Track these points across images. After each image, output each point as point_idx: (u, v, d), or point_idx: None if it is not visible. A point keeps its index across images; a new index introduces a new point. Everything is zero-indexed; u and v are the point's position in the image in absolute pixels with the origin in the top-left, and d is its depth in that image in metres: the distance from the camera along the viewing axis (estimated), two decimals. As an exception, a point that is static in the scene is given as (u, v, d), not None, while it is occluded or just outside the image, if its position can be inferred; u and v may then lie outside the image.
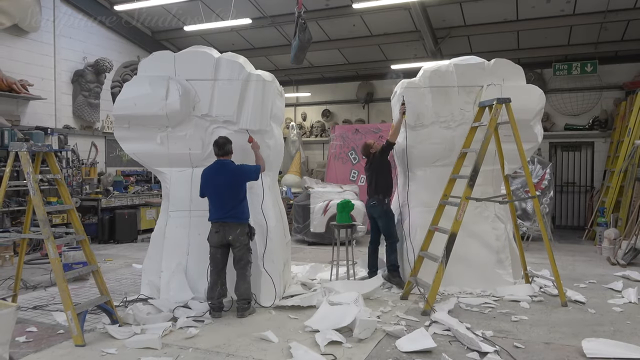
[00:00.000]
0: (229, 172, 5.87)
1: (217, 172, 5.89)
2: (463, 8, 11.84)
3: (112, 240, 11.32)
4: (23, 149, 5.20)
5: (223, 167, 5.90)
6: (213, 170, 5.95)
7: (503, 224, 7.00)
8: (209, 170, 5.98)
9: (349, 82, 16.71)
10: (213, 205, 5.89)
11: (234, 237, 5.76)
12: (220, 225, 5.79)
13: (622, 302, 6.31)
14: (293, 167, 15.08)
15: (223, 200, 5.81)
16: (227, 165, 5.92)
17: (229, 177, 5.85)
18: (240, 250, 5.81)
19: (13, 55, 10.73)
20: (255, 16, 12.49)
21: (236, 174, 5.89)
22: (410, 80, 7.20)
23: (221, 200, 5.82)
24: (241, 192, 5.91)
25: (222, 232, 5.77)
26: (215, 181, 5.86)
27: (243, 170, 5.95)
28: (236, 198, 5.84)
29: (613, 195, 11.01)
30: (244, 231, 5.83)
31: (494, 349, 4.56)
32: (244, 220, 5.89)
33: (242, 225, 5.84)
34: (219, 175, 5.86)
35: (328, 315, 5.39)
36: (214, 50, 6.72)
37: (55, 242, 5.05)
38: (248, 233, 5.88)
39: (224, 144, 5.95)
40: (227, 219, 5.79)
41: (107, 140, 12.85)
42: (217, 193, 5.85)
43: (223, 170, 5.88)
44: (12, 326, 3.40)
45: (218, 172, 5.89)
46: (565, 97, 13.99)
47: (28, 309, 6.02)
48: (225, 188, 5.81)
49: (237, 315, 5.74)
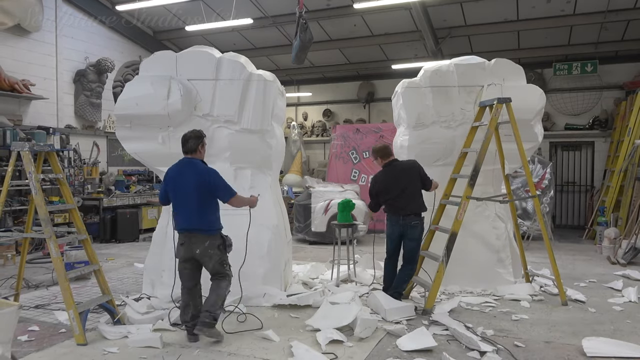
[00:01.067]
0: (197, 173, 4.95)
1: (183, 171, 5.00)
2: (464, 8, 11.86)
3: (114, 240, 11.34)
4: (25, 148, 5.22)
5: (190, 166, 4.99)
6: (178, 169, 5.05)
7: (503, 224, 7.01)
8: (174, 168, 5.08)
9: (350, 82, 16.73)
10: (177, 212, 5.01)
11: (202, 251, 4.88)
12: (185, 236, 4.93)
13: (622, 301, 6.33)
14: (294, 166, 15.11)
15: (188, 206, 4.91)
16: (196, 165, 5.00)
17: (197, 178, 4.91)
18: (210, 265, 4.95)
19: (15, 55, 10.76)
20: (256, 16, 12.52)
21: (205, 178, 4.94)
22: (411, 80, 7.22)
23: (186, 206, 4.92)
24: (210, 198, 4.96)
25: (188, 245, 4.90)
26: (179, 182, 4.97)
27: (214, 178, 4.97)
28: (204, 205, 4.92)
29: (613, 195, 11.02)
30: (214, 244, 4.92)
31: (493, 349, 4.57)
32: (213, 231, 4.96)
33: (212, 237, 4.93)
34: (184, 176, 4.96)
35: (329, 314, 5.41)
36: (215, 50, 6.74)
37: (57, 242, 5.07)
38: (220, 245, 4.96)
39: (189, 138, 5.05)
40: (193, 230, 4.90)
41: (108, 139, 12.88)
42: (182, 197, 4.95)
43: (190, 170, 4.97)
44: (14, 325, 3.41)
45: (184, 172, 4.99)
46: (565, 96, 14.01)
47: (30, 308, 6.04)
48: (191, 191, 4.89)
49: (195, 329, 4.84)
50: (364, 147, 12.93)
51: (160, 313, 5.63)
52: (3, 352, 3.24)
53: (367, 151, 12.89)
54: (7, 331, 3.32)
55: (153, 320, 5.44)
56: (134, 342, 4.86)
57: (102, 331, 5.10)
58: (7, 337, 3.33)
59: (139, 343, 4.82)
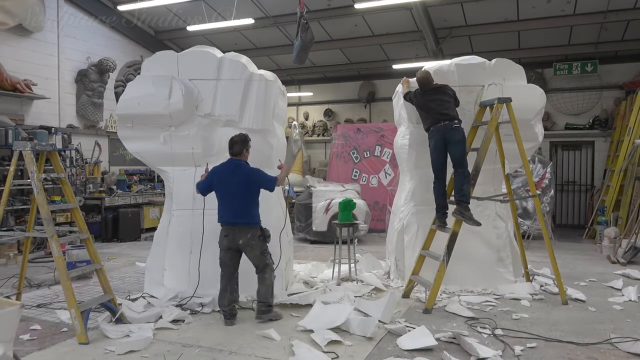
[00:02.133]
0: (243, 173, 5.57)
1: (231, 171, 5.59)
2: (464, 8, 11.87)
3: (116, 239, 11.38)
4: (27, 148, 5.24)
5: (237, 167, 5.60)
6: (226, 169, 5.65)
7: (504, 223, 7.03)
8: (222, 168, 5.68)
9: (350, 82, 16.75)
10: (223, 206, 5.61)
11: (244, 242, 5.49)
12: (229, 228, 5.53)
13: (622, 300, 6.35)
14: (295, 166, 15.14)
15: (234, 202, 5.52)
16: (242, 166, 5.63)
17: (243, 178, 5.54)
18: (252, 254, 5.56)
19: (17, 55, 10.79)
20: (257, 16, 12.54)
21: (251, 177, 5.59)
22: (412, 79, 7.24)
23: (232, 202, 5.53)
24: (254, 197, 5.61)
25: (232, 236, 5.51)
26: (227, 181, 5.57)
27: (259, 175, 5.64)
28: (248, 201, 5.55)
29: (613, 194, 11.04)
30: (255, 235, 5.53)
31: (494, 354, 4.50)
32: (255, 224, 5.57)
33: (253, 229, 5.54)
34: (232, 175, 5.56)
35: (321, 315, 5.39)
36: (216, 50, 6.76)
37: (59, 241, 5.08)
38: (260, 236, 5.57)
39: (235, 142, 5.66)
40: (237, 223, 5.52)
41: (110, 139, 12.92)
42: (228, 193, 5.55)
43: (237, 170, 5.58)
44: (16, 324, 3.41)
45: (231, 172, 5.59)
46: (565, 96, 14.02)
47: (32, 307, 6.06)
48: (237, 189, 5.51)
49: (256, 317, 5.58)
50: (365, 147, 12.97)
51: (158, 310, 5.67)
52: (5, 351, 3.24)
53: (367, 151, 12.93)
54: (9, 330, 3.32)
55: (151, 319, 5.47)
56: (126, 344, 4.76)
57: (104, 330, 5.12)
58: (9, 336, 3.32)
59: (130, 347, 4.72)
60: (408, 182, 7.42)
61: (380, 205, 12.47)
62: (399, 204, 7.54)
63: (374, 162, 12.85)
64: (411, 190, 7.26)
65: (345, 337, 4.98)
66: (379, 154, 12.81)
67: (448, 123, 6.30)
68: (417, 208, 7.14)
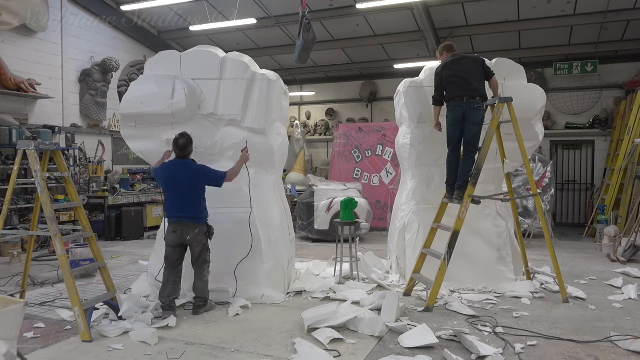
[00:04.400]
0: (190, 171, 5.71)
1: (178, 169, 5.72)
2: (465, 8, 11.90)
3: (119, 238, 11.41)
4: (31, 147, 5.26)
5: (184, 165, 5.73)
6: (173, 167, 5.77)
7: (504, 222, 7.06)
8: (168, 166, 5.82)
9: (352, 82, 16.80)
10: (171, 203, 5.73)
11: (192, 237, 5.64)
12: (178, 224, 5.65)
13: (622, 298, 6.37)
14: (297, 165, 15.18)
15: (182, 199, 5.65)
16: (189, 164, 5.76)
17: (190, 176, 5.68)
18: (198, 249, 5.70)
19: (21, 54, 10.85)
20: (260, 16, 12.58)
21: (198, 174, 5.73)
22: (413, 79, 7.29)
23: (180, 199, 5.66)
24: (201, 193, 5.77)
25: (180, 232, 5.64)
26: (174, 178, 5.69)
27: (206, 171, 5.78)
28: (196, 198, 5.70)
29: (613, 193, 11.07)
30: (202, 231, 5.70)
31: (494, 352, 4.52)
32: (202, 220, 5.74)
33: (201, 225, 5.70)
34: (179, 173, 5.69)
35: (323, 313, 5.35)
36: (219, 49, 6.79)
37: (62, 239, 5.10)
38: (206, 233, 5.75)
39: (186, 145, 5.75)
40: (186, 219, 5.65)
41: (113, 138, 12.97)
42: (176, 191, 5.69)
43: (184, 168, 5.71)
44: (20, 322, 3.41)
45: (178, 170, 5.71)
46: (566, 96, 14.05)
47: (36, 305, 6.08)
48: (185, 186, 5.64)
49: (192, 312, 5.73)
50: (367, 146, 13.01)
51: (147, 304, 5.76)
52: (9, 349, 3.25)
53: (369, 150, 12.97)
54: (13, 328, 3.33)
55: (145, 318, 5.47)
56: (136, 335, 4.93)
57: (102, 330, 5.09)
58: (13, 334, 3.33)
59: (138, 337, 4.89)
60: (409, 181, 7.46)
61: (381, 204, 12.51)
62: (401, 202, 7.58)
63: (376, 161, 12.89)
64: (412, 189, 7.31)
65: (348, 335, 5.00)
66: (381, 153, 12.85)
67: (471, 101, 6.23)
68: (418, 207, 7.18)
